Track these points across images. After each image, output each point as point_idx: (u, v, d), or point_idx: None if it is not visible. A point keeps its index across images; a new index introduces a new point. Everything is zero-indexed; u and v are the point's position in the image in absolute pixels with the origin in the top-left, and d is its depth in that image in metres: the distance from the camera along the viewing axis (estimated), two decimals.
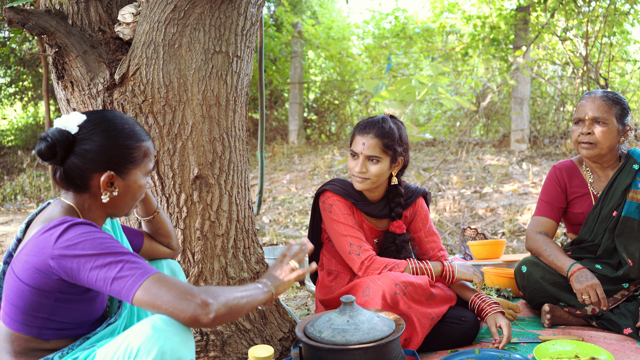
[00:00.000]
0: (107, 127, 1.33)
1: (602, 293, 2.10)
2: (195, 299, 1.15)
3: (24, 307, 1.24)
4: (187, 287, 1.18)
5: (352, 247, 2.10)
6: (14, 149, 10.27)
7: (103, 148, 1.31)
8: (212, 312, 1.15)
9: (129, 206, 1.41)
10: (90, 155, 1.30)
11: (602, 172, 2.37)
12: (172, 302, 1.14)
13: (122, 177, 1.34)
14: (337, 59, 9.83)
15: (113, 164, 1.32)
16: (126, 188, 1.36)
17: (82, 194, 1.34)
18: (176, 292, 1.15)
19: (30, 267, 1.21)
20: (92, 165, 1.30)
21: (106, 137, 1.31)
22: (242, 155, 2.14)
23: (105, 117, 1.35)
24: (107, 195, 1.33)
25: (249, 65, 2.13)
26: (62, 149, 1.28)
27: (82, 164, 1.30)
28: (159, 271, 1.20)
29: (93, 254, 1.18)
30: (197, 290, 1.17)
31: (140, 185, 1.40)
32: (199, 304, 1.15)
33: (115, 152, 1.32)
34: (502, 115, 8.86)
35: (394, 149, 2.11)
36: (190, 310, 1.14)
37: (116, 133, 1.33)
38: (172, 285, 1.16)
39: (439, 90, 4.47)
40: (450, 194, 5.86)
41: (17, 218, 6.08)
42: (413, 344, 1.96)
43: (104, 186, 1.32)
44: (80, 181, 1.31)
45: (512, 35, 7.52)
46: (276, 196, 6.72)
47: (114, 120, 1.35)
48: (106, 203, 1.35)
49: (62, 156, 1.29)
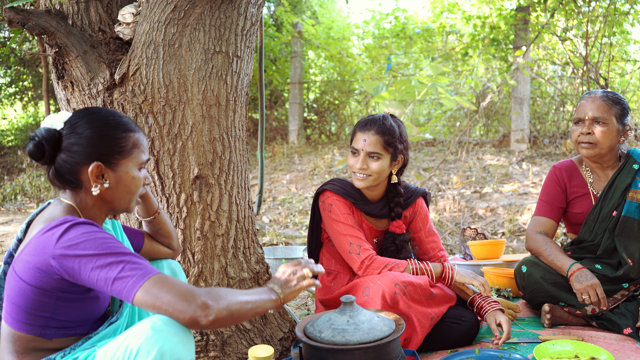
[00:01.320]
0: (91, 119, 1.33)
1: (602, 293, 2.10)
2: (195, 301, 1.15)
3: (26, 307, 1.24)
4: (188, 288, 1.17)
5: (352, 247, 2.10)
6: (14, 149, 10.27)
7: (88, 139, 1.31)
8: (211, 315, 1.15)
9: (126, 200, 1.39)
10: (75, 147, 1.30)
11: (602, 172, 2.37)
12: (172, 302, 1.14)
13: (111, 168, 1.34)
14: (337, 59, 9.83)
15: (100, 154, 1.32)
16: (117, 180, 1.36)
17: (78, 191, 1.34)
18: (176, 293, 1.15)
19: (31, 266, 1.21)
20: (79, 158, 1.30)
21: (90, 127, 1.32)
22: (242, 155, 2.14)
23: (90, 111, 1.36)
24: (98, 188, 1.32)
25: (249, 65, 2.13)
26: (49, 146, 1.29)
27: (69, 157, 1.30)
28: (160, 272, 1.20)
29: (94, 254, 1.18)
30: (199, 292, 1.17)
31: (133, 177, 1.38)
32: (199, 305, 1.14)
33: (101, 142, 1.32)
34: (502, 115, 8.87)
35: (395, 146, 2.12)
36: (189, 312, 1.14)
37: (100, 124, 1.33)
38: (173, 286, 1.16)
39: (438, 90, 4.47)
40: (450, 194, 5.86)
41: (17, 218, 6.08)
42: (413, 344, 1.96)
43: (92, 177, 1.31)
44: (71, 176, 1.32)
45: (512, 35, 7.52)
46: (276, 196, 6.72)
47: (98, 113, 1.36)
48: (102, 198, 1.35)
49: (50, 154, 1.29)
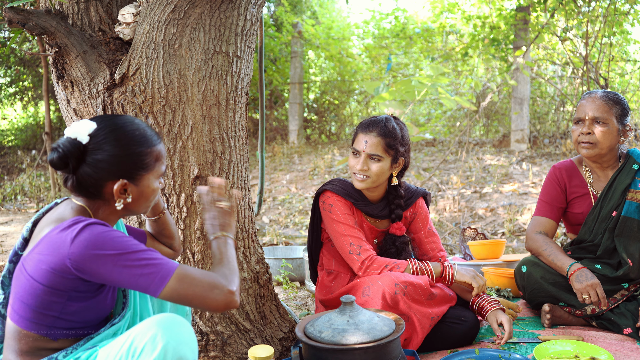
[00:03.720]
0: (118, 135, 1.32)
1: (602, 292, 2.10)
2: (223, 289, 1.28)
3: (34, 305, 1.24)
4: (211, 278, 1.29)
5: (352, 247, 2.10)
6: (14, 149, 10.27)
7: (115, 157, 1.31)
8: (237, 296, 1.30)
9: (142, 208, 1.42)
10: (102, 164, 1.30)
11: (602, 172, 2.37)
12: (204, 294, 1.26)
13: (135, 183, 1.35)
14: (337, 59, 9.83)
15: (125, 172, 1.33)
16: (140, 194, 1.37)
17: (95, 200, 1.35)
18: (205, 286, 1.26)
19: (44, 266, 1.22)
20: (104, 174, 1.31)
21: (118, 145, 1.31)
22: (242, 155, 2.14)
23: (116, 125, 1.34)
24: (122, 203, 1.34)
25: (249, 65, 2.13)
26: (73, 160, 1.28)
27: (94, 173, 1.30)
28: (178, 264, 1.27)
29: (114, 253, 1.20)
30: (221, 280, 1.29)
31: (154, 189, 1.40)
32: (226, 292, 1.28)
33: (127, 160, 1.32)
34: (502, 115, 8.87)
35: (396, 149, 2.12)
36: (222, 300, 1.27)
37: (128, 141, 1.33)
38: (199, 280, 1.26)
39: (438, 90, 4.47)
40: (450, 194, 5.86)
41: (17, 218, 6.08)
42: (413, 344, 1.97)
43: (117, 194, 1.33)
44: (94, 189, 1.32)
45: (512, 35, 7.52)
46: (276, 196, 6.72)
47: (124, 127, 1.34)
48: (120, 209, 1.37)
49: (74, 166, 1.29)
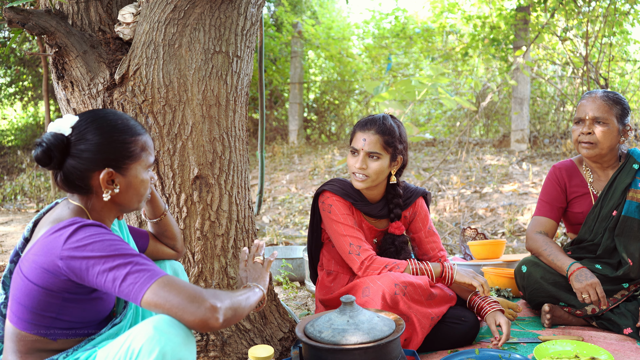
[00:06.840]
0: (100, 124, 1.32)
1: (601, 292, 2.10)
2: (204, 303, 1.15)
3: (32, 307, 1.24)
4: (196, 290, 1.18)
5: (351, 247, 2.10)
6: (14, 149, 10.27)
7: (98, 145, 1.30)
8: (221, 316, 1.16)
9: (135, 202, 1.39)
10: (86, 154, 1.29)
11: (602, 171, 2.37)
12: (182, 305, 1.14)
13: (121, 173, 1.34)
14: (337, 59, 9.83)
15: (110, 160, 1.31)
16: (128, 184, 1.35)
17: (88, 195, 1.34)
18: (185, 296, 1.15)
19: (38, 267, 1.21)
20: (89, 165, 1.30)
21: (99, 134, 1.30)
22: (242, 155, 2.14)
23: (97, 115, 1.34)
24: (109, 193, 1.32)
25: (249, 65, 2.13)
26: (57, 152, 1.27)
27: (79, 164, 1.29)
28: (166, 273, 1.20)
29: (102, 255, 1.18)
30: (206, 294, 1.17)
31: (142, 180, 1.38)
32: (208, 307, 1.15)
33: (111, 148, 1.31)
34: (502, 115, 8.87)
35: (394, 147, 2.12)
36: (200, 314, 1.14)
37: (109, 129, 1.32)
38: (181, 289, 1.16)
39: (438, 90, 4.47)
40: (450, 194, 5.86)
41: (17, 218, 6.08)
42: (413, 344, 1.96)
43: (104, 184, 1.31)
44: (81, 182, 1.31)
45: (512, 35, 7.52)
46: (276, 196, 6.72)
47: (106, 117, 1.34)
48: (112, 201, 1.35)
49: (58, 160, 1.28)
